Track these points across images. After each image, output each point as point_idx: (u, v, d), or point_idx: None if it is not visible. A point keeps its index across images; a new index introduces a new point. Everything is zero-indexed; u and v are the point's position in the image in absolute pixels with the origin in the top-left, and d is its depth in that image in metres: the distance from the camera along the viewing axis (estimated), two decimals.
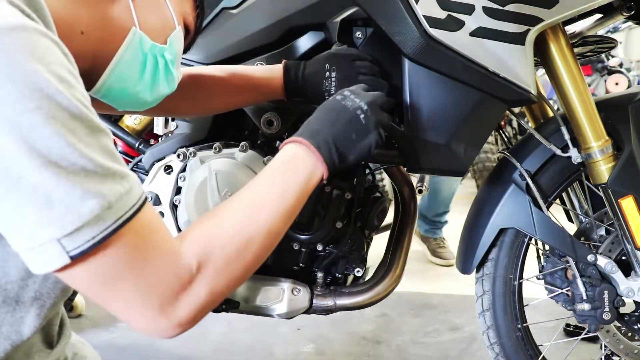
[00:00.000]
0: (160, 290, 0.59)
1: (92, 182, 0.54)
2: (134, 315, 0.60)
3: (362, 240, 1.23)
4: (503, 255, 1.23)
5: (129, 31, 0.75)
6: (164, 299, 0.59)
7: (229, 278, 0.65)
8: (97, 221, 0.54)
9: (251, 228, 0.68)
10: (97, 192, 0.54)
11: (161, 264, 0.59)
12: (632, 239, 1.10)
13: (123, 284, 0.58)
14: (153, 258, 0.59)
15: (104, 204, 0.54)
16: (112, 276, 0.57)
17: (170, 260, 0.60)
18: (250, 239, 0.67)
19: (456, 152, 1.05)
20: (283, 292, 1.22)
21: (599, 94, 3.98)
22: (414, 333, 1.96)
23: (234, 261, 0.65)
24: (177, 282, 0.60)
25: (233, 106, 1.12)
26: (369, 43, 1.08)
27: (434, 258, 2.74)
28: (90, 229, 0.53)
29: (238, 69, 1.08)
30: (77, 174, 0.53)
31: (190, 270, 0.62)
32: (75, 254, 0.53)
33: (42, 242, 0.52)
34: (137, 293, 0.58)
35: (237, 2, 1.20)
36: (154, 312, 0.59)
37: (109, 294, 0.58)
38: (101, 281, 0.57)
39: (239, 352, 1.84)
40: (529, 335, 1.26)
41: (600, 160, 1.09)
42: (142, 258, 0.58)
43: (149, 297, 0.59)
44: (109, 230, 0.55)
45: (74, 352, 0.82)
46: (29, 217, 0.52)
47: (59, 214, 0.52)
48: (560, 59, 1.08)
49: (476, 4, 0.96)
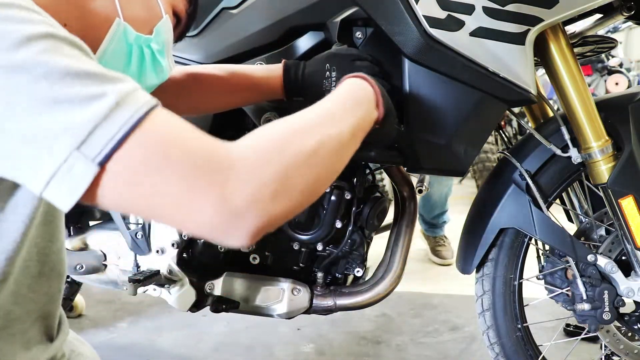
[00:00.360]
0: (209, 176, 0.52)
1: (91, 86, 0.51)
2: (189, 213, 0.52)
3: (362, 240, 1.23)
4: (503, 255, 1.23)
5: (112, 22, 0.74)
6: (217, 184, 0.52)
7: (292, 156, 0.58)
8: (110, 120, 0.50)
9: (322, 130, 0.63)
10: (99, 93, 0.51)
11: (200, 148, 0.54)
12: (632, 239, 1.10)
13: (166, 181, 0.51)
14: (189, 146, 0.53)
15: (112, 102, 0.51)
16: (151, 177, 0.51)
17: (208, 144, 0.55)
18: (321, 141, 0.62)
19: (456, 152, 1.05)
20: (283, 292, 1.22)
21: (599, 94, 3.98)
22: (414, 333, 1.96)
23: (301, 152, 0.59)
24: (226, 162, 0.54)
25: (233, 105, 1.12)
26: (369, 43, 1.08)
27: (433, 256, 2.76)
28: (106, 130, 0.50)
29: (238, 68, 1.08)
30: (70, 84, 0.51)
31: (240, 151, 0.56)
32: (102, 159, 0.50)
33: (64, 156, 0.49)
34: (185, 187, 0.52)
35: (237, 2, 1.20)
36: (209, 201, 0.52)
37: (157, 200, 0.52)
38: (141, 187, 0.51)
39: (238, 352, 1.84)
40: (529, 335, 1.26)
41: (600, 160, 1.09)
42: (177, 148, 0.53)
43: (197, 186, 0.52)
44: (129, 125, 0.51)
45: (72, 350, 0.82)
46: (41, 137, 0.50)
47: (67, 123, 0.50)
48: (560, 59, 1.08)
49: (476, 4, 0.96)
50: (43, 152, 0.50)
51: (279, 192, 0.55)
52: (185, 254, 1.27)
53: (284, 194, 0.56)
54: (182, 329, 2.00)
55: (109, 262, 1.33)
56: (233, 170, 0.53)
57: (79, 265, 1.31)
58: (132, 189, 0.52)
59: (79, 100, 0.50)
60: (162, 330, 2.00)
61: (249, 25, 1.17)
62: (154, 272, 1.23)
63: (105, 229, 1.36)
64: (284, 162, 0.57)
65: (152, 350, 1.87)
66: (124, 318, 2.12)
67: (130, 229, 1.26)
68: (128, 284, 1.20)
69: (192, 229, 0.54)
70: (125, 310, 2.18)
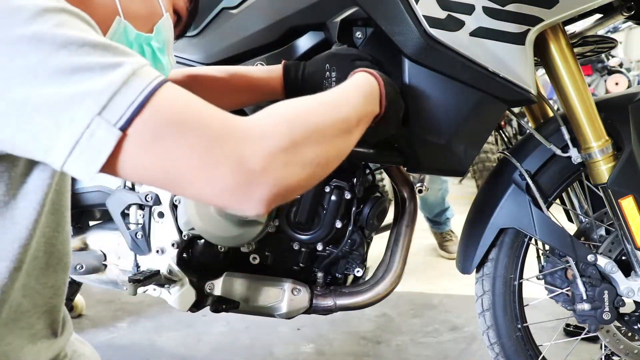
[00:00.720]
0: (226, 141, 0.54)
1: (108, 56, 0.53)
2: (207, 178, 0.54)
3: (362, 240, 1.23)
4: (503, 255, 1.23)
5: (113, 21, 0.75)
6: (233, 149, 0.54)
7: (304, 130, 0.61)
8: (129, 86, 0.52)
9: (331, 111, 0.67)
10: (117, 62, 0.53)
11: (216, 116, 0.56)
12: (632, 239, 1.10)
13: (184, 146, 0.53)
14: (205, 113, 0.55)
15: (129, 70, 0.53)
16: (169, 142, 0.53)
17: (223, 113, 0.57)
18: (329, 120, 0.66)
19: (456, 152, 1.05)
20: (283, 292, 1.22)
21: (599, 94, 3.98)
22: (414, 333, 1.96)
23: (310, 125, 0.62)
24: (241, 128, 0.56)
25: (234, 106, 1.12)
26: (369, 43, 1.08)
27: (441, 251, 2.84)
28: (125, 96, 0.52)
29: (238, 70, 1.08)
30: (89, 53, 0.52)
31: (253, 121, 0.58)
32: (123, 124, 0.51)
33: (86, 122, 0.50)
34: (202, 151, 0.53)
35: (237, 2, 1.20)
36: (226, 165, 0.54)
37: (175, 166, 0.53)
38: (160, 152, 0.53)
39: (238, 352, 1.84)
40: (529, 335, 1.26)
41: (600, 160, 1.09)
42: (194, 115, 0.54)
43: (216, 152, 0.53)
44: (147, 92, 0.52)
45: (74, 350, 0.82)
46: (62, 104, 0.50)
47: (88, 89, 0.51)
48: (560, 59, 1.08)
49: (476, 4, 0.96)
50: (64, 120, 0.51)
51: (291, 161, 0.58)
52: (185, 254, 1.27)
53: (296, 163, 0.58)
54: (182, 329, 2.00)
55: (109, 262, 1.33)
56: (247, 137, 0.55)
57: (79, 265, 1.31)
58: (152, 155, 0.53)
59: (98, 68, 0.52)
60: (162, 330, 2.00)
61: (249, 25, 1.17)
62: (154, 272, 1.23)
63: (105, 229, 1.36)
64: (295, 133, 0.59)
65: (152, 350, 1.87)
66: (124, 318, 2.12)
67: (130, 229, 1.26)
68: (128, 284, 1.20)
69: (209, 195, 0.55)
70: (125, 310, 2.18)
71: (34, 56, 0.51)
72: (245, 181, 0.54)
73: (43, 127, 0.51)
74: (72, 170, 0.52)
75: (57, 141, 0.51)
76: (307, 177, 0.61)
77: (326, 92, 0.74)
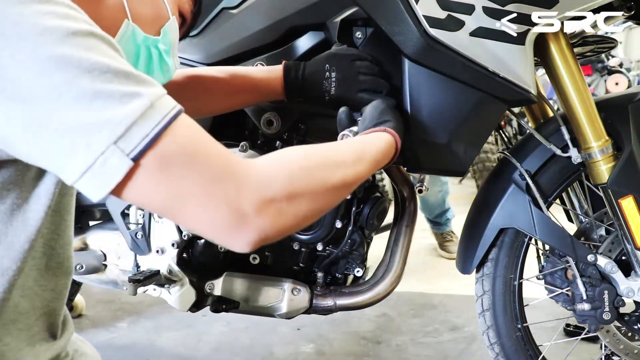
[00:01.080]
0: (227, 181, 0.57)
1: (128, 85, 0.55)
2: (203, 213, 0.57)
3: (362, 240, 1.23)
4: (503, 255, 1.23)
5: (121, 24, 0.76)
6: (233, 190, 0.57)
7: (302, 187, 0.63)
8: (145, 119, 0.54)
9: (340, 171, 0.69)
10: (136, 92, 0.55)
11: (221, 155, 0.59)
12: (632, 239, 1.10)
13: (187, 181, 0.56)
14: (211, 152, 0.58)
15: (147, 102, 0.55)
16: (175, 176, 0.56)
17: (229, 154, 0.60)
18: (337, 180, 0.68)
19: (456, 152, 1.05)
20: (283, 292, 1.22)
21: (599, 94, 3.98)
22: (414, 333, 1.96)
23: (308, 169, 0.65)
24: (244, 172, 0.59)
25: (234, 107, 1.12)
26: (369, 43, 1.08)
27: (441, 251, 2.85)
28: (141, 128, 0.54)
29: (238, 70, 1.08)
30: (111, 80, 0.54)
31: (257, 166, 0.61)
32: (136, 154, 0.53)
33: (102, 149, 0.53)
34: (203, 188, 0.57)
35: (237, 2, 1.20)
36: (222, 204, 0.57)
37: (177, 198, 0.57)
38: (165, 184, 0.56)
39: (238, 352, 1.84)
40: (529, 335, 1.26)
41: (600, 160, 1.09)
42: (200, 152, 0.57)
43: (217, 191, 0.57)
44: (161, 126, 0.55)
45: (75, 349, 0.82)
46: (80, 129, 0.52)
47: (107, 117, 0.53)
48: (560, 59, 1.08)
49: (476, 4, 0.96)
50: (81, 144, 0.53)
51: (284, 211, 0.61)
52: (185, 254, 1.27)
53: (288, 213, 0.62)
54: (182, 329, 2.00)
55: (109, 262, 1.33)
56: (248, 181, 0.59)
57: (79, 265, 1.31)
58: (157, 185, 0.56)
59: (118, 97, 0.54)
60: (162, 330, 2.00)
61: (249, 25, 1.17)
62: (154, 272, 1.23)
63: (105, 229, 1.36)
64: (295, 187, 0.62)
65: (152, 350, 1.87)
66: (124, 318, 2.12)
67: (130, 229, 1.26)
68: (128, 284, 1.20)
69: (202, 228, 0.59)
70: (125, 310, 2.18)
71: (59, 76, 0.52)
72: (237, 223, 0.58)
73: (59, 147, 0.53)
74: (82, 189, 0.55)
75: (71, 163, 0.53)
76: (298, 224, 0.64)
77: (342, 145, 0.78)
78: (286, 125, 1.19)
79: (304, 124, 1.22)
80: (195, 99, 1.06)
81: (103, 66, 0.54)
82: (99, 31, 0.58)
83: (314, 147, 0.72)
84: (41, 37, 0.52)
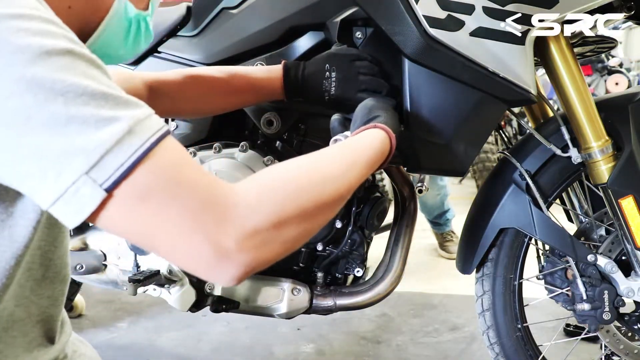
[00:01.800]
0: (208, 214, 0.53)
1: (106, 109, 0.52)
2: (182, 247, 0.54)
3: (362, 240, 1.23)
4: (503, 255, 1.23)
5: (113, 0, 0.74)
6: (214, 223, 0.53)
7: (290, 211, 0.59)
8: (121, 147, 0.51)
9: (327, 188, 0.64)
10: (113, 117, 0.52)
11: (203, 185, 0.55)
12: (632, 239, 1.10)
13: (165, 213, 0.53)
14: (192, 181, 0.54)
15: (125, 127, 0.52)
16: (152, 207, 0.52)
17: (211, 182, 0.56)
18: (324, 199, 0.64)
19: (456, 152, 1.05)
20: (283, 292, 1.22)
21: (599, 94, 3.98)
22: (414, 333, 1.96)
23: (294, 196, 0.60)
24: (226, 203, 0.55)
25: (234, 106, 1.12)
26: (369, 43, 1.08)
27: (441, 251, 2.86)
28: (116, 156, 0.51)
29: (238, 70, 1.08)
30: (86, 103, 0.51)
31: (241, 195, 0.56)
32: (109, 185, 0.51)
33: (73, 179, 0.50)
34: (182, 222, 0.53)
35: (237, 2, 1.20)
36: (203, 239, 0.53)
37: (154, 230, 0.53)
38: (141, 215, 0.53)
39: (238, 352, 1.84)
40: (529, 335, 1.26)
41: (600, 160, 1.09)
42: (181, 181, 0.54)
43: (197, 224, 0.53)
44: (138, 154, 0.52)
45: (74, 350, 0.82)
46: (51, 155, 0.50)
47: (80, 145, 0.50)
48: (560, 59, 1.08)
49: (476, 4, 0.96)
50: (52, 172, 0.50)
51: (270, 240, 0.57)
52: None
53: (275, 242, 0.58)
54: (182, 329, 2.00)
55: (109, 262, 1.33)
56: (230, 213, 0.54)
57: (79, 265, 1.30)
58: (133, 217, 0.53)
59: (93, 122, 0.51)
60: (162, 330, 2.00)
61: (249, 25, 1.17)
62: (154, 272, 1.23)
63: None
64: (282, 213, 0.58)
65: (152, 350, 1.87)
66: (124, 318, 2.12)
67: None
68: (128, 284, 1.20)
69: (182, 262, 0.55)
70: (125, 310, 2.18)
71: (30, 99, 0.49)
72: (219, 258, 0.54)
73: (30, 173, 0.51)
74: (55, 215, 0.52)
75: (42, 189, 0.51)
76: (287, 250, 0.61)
77: (332, 152, 0.72)
78: (286, 125, 1.19)
79: (304, 124, 1.22)
80: (195, 99, 1.06)
81: (78, 88, 0.51)
82: (79, 48, 0.54)
83: (302, 162, 0.67)
84: (12, 57, 0.50)
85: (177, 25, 1.21)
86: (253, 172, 1.14)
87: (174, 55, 1.23)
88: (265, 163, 1.16)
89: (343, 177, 0.68)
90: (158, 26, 1.21)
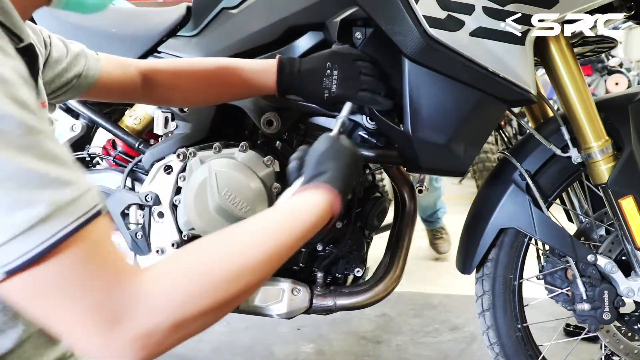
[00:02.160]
0: (105, 313, 0.52)
1: (24, 190, 0.48)
2: (77, 343, 0.53)
3: (362, 240, 1.23)
4: (503, 255, 1.23)
5: None
6: (109, 324, 0.52)
7: (195, 311, 0.57)
8: (31, 234, 0.48)
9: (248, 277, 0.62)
10: (29, 201, 0.48)
11: (109, 281, 0.53)
12: (632, 239, 1.10)
13: (61, 310, 0.51)
14: (100, 277, 0.52)
15: (39, 214, 0.48)
16: (53, 295, 0.51)
17: (118, 275, 0.54)
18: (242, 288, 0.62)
19: (456, 152, 1.05)
20: (283, 292, 1.22)
21: (599, 94, 3.98)
22: (414, 333, 1.96)
23: (205, 292, 0.58)
24: (128, 302, 0.53)
25: (224, 99, 1.12)
26: (369, 43, 1.08)
27: (431, 249, 2.86)
28: (23, 243, 0.48)
29: (231, 62, 1.07)
30: (2, 182, 0.47)
31: (148, 290, 0.54)
32: (10, 269, 0.48)
33: None
34: (77, 320, 0.52)
35: (237, 2, 1.20)
36: (98, 338, 0.52)
37: (49, 319, 0.52)
38: (40, 299, 0.51)
39: (238, 352, 1.84)
40: (529, 335, 1.26)
41: (600, 160, 1.09)
42: (83, 280, 0.52)
43: (92, 323, 0.52)
44: (47, 244, 0.49)
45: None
46: None
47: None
48: (560, 59, 1.08)
49: (476, 4, 0.96)
50: None
51: (165, 341, 0.55)
52: None
53: (170, 340, 0.56)
54: None
55: None
56: (130, 313, 0.53)
57: None
58: (31, 302, 0.51)
59: (6, 205, 0.48)
60: None
61: (249, 25, 1.17)
62: None
63: None
64: (192, 310, 0.56)
65: None
66: None
67: (130, 229, 1.26)
68: None
69: (75, 350, 0.56)
70: None
71: None
72: (110, 355, 0.53)
73: None
74: None
75: None
76: (180, 343, 0.58)
77: (262, 227, 0.68)
78: (286, 125, 1.19)
79: (304, 124, 1.22)
80: (188, 89, 1.06)
81: (3, 171, 0.47)
82: (8, 110, 0.48)
83: (224, 246, 0.63)
84: None
85: (177, 25, 1.21)
86: (253, 172, 1.15)
87: (173, 55, 1.23)
88: (265, 163, 1.16)
89: (265, 263, 0.65)
90: (158, 26, 1.21)
